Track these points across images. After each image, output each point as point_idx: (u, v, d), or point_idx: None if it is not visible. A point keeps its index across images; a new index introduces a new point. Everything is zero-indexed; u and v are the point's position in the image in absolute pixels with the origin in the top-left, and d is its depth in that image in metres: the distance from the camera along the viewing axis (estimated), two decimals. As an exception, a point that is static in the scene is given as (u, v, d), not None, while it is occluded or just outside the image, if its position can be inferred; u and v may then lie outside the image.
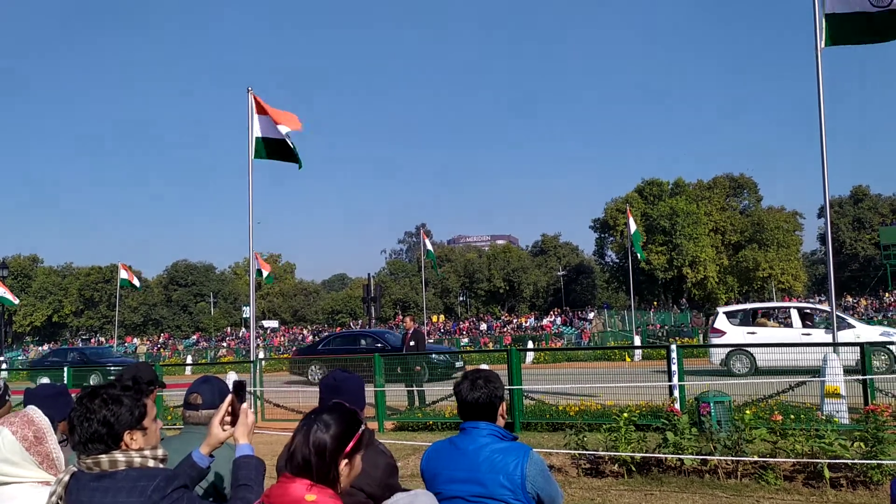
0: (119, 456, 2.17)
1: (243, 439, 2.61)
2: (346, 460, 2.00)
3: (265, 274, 28.60)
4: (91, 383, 21.13)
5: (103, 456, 2.16)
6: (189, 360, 38.53)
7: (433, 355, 18.40)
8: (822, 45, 9.98)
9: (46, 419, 2.53)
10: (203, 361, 40.46)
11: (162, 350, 57.57)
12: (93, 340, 73.32)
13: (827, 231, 10.28)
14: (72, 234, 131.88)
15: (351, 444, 2.00)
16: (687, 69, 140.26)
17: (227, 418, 2.58)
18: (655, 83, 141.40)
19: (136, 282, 37.90)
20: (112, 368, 23.68)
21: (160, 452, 2.29)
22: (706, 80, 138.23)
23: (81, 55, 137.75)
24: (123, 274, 36.65)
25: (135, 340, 68.15)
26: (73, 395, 2.83)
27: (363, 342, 21.49)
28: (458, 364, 19.11)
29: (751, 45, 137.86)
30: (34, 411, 2.54)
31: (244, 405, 2.64)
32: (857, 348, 9.18)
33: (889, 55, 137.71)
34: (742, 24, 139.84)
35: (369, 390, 11.07)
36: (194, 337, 71.69)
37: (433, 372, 17.24)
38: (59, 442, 2.57)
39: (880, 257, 63.29)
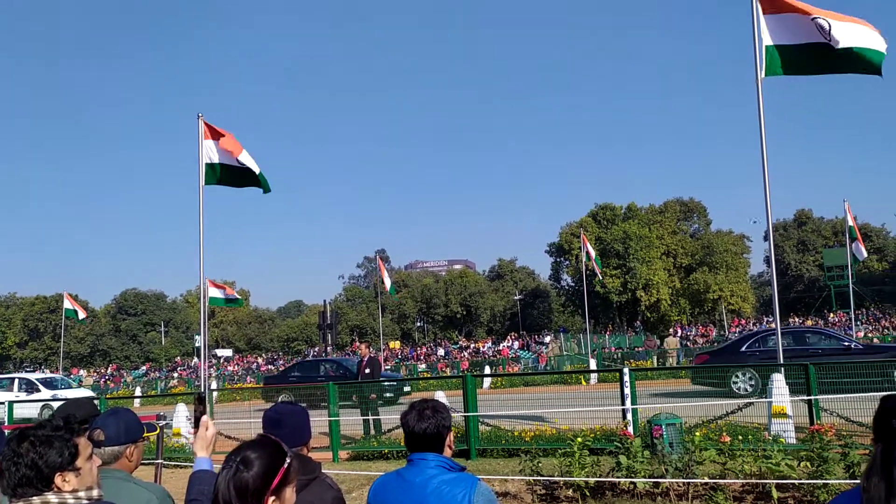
0: (52, 498, 2.11)
1: (201, 453, 2.55)
2: (273, 497, 1.88)
3: (230, 296, 26.42)
4: (356, 402, 17.59)
5: (35, 498, 2.09)
6: (138, 391, 37.41)
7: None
8: (763, 76, 10.37)
9: None
10: (153, 393, 39.27)
11: (109, 382, 55.79)
12: (37, 372, 70.70)
13: (771, 254, 10.59)
14: (16, 263, 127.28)
15: (277, 479, 1.89)
16: (637, 93, 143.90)
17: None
18: (607, 107, 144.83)
19: (81, 315, 36.57)
20: (387, 384, 19.57)
21: (95, 493, 2.22)
22: (656, 106, 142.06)
23: (41, 80, 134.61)
24: (68, 304, 35.53)
25: (81, 372, 65.96)
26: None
27: (815, 338, 16.09)
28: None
29: (697, 71, 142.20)
30: None
31: (204, 417, 2.58)
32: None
33: (828, 81, 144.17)
34: (690, 49, 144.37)
35: (322, 419, 10.90)
36: (144, 368, 69.69)
37: None
38: None
39: (824, 278, 65.45)
